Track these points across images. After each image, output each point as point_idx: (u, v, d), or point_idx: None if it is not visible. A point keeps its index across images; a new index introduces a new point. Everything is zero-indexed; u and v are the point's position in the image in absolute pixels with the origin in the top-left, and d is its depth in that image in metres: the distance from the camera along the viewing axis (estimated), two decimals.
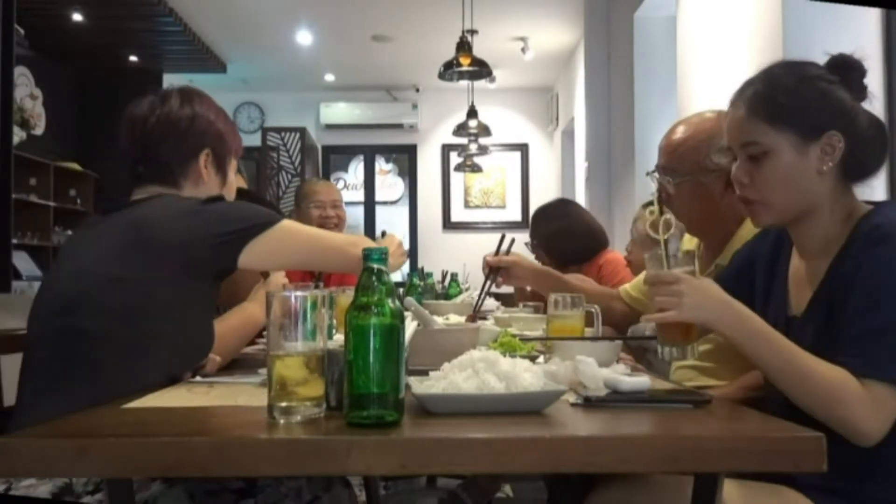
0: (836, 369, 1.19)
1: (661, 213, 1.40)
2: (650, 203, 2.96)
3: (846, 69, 1.33)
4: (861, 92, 1.34)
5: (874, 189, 1.37)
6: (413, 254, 9.30)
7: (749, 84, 1.38)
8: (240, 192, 1.88)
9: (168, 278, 1.43)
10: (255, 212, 1.55)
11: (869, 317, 1.20)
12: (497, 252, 2.19)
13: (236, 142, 1.74)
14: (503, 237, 2.21)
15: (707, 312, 1.25)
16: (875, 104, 1.35)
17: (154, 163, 1.61)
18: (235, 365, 1.66)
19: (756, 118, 1.33)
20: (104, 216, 1.56)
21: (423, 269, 3.71)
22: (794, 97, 1.31)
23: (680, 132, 1.85)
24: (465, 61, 5.00)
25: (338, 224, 3.46)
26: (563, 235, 3.32)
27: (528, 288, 3.55)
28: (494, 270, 2.14)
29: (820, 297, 1.31)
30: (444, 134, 8.82)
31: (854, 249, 1.26)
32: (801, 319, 1.35)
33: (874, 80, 2.61)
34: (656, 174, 1.86)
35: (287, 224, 1.56)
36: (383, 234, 1.99)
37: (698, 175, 1.78)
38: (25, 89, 7.09)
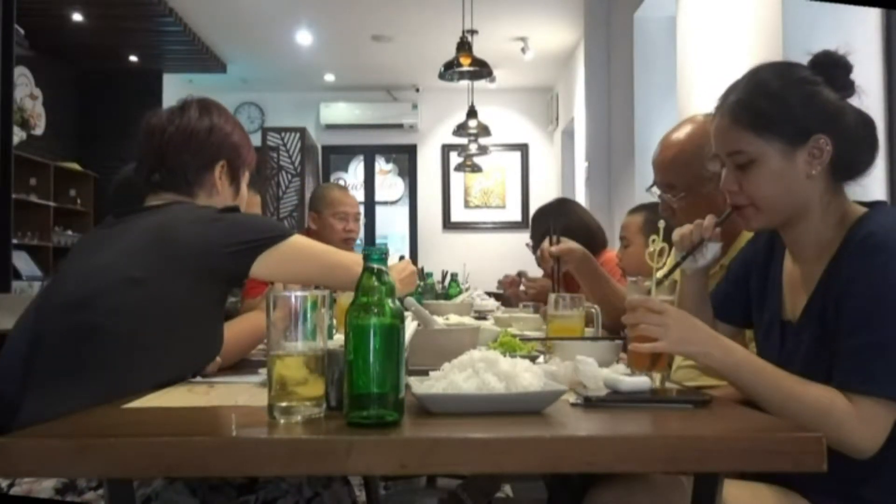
0: (823, 388, 1.19)
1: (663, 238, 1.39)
2: (638, 208, 2.97)
3: (830, 67, 1.30)
4: (847, 89, 1.30)
5: (866, 189, 1.35)
6: (413, 254, 9.30)
7: (731, 90, 1.35)
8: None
9: (183, 281, 1.46)
10: (271, 224, 1.62)
11: (862, 332, 1.18)
12: (550, 242, 2.35)
13: (251, 155, 1.78)
14: (550, 228, 2.35)
15: (693, 345, 1.25)
16: (864, 99, 1.31)
17: (170, 171, 1.64)
18: (236, 365, 1.68)
19: (739, 127, 1.30)
20: (118, 218, 1.59)
21: (423, 269, 3.71)
22: (777, 104, 1.29)
23: (670, 147, 1.83)
24: (465, 61, 4.99)
25: (355, 239, 3.47)
26: (561, 235, 3.31)
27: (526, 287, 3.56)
28: (557, 259, 2.31)
29: (815, 304, 1.29)
30: (444, 134, 8.81)
31: (847, 256, 1.24)
32: (797, 325, 1.33)
33: (873, 80, 2.62)
34: (655, 189, 1.85)
35: (300, 239, 1.60)
36: (401, 258, 2.00)
37: (697, 187, 1.77)
38: (25, 89, 7.09)
